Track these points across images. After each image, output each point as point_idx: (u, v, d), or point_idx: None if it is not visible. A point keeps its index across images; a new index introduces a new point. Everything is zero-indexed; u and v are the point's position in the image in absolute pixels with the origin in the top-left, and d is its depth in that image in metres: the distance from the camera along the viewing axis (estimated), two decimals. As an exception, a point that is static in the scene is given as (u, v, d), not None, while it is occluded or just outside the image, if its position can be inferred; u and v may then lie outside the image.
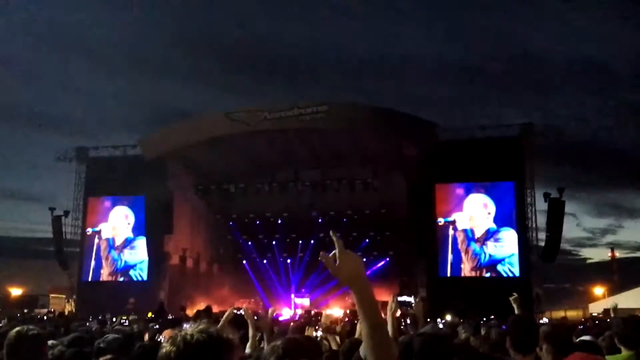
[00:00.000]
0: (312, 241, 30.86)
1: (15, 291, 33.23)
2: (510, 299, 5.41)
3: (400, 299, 22.63)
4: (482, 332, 7.93)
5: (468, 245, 24.98)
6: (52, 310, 26.55)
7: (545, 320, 14.85)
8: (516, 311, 5.16)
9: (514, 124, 26.37)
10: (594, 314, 26.82)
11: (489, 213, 25.05)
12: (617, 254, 48.77)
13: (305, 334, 5.37)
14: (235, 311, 6.38)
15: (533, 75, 77.67)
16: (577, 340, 3.22)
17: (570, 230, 64.79)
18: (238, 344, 1.87)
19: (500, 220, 24.95)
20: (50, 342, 3.50)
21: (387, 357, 1.85)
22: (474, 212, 25.18)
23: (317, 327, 6.26)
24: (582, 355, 2.16)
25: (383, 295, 28.53)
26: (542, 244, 24.69)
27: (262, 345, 5.13)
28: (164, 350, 1.73)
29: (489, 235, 24.92)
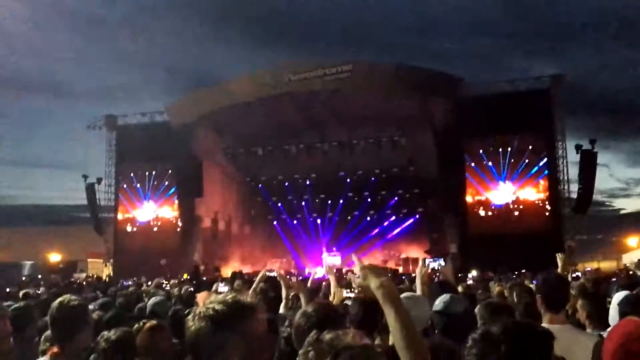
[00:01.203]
0: (341, 201, 31.01)
1: (54, 257, 34.19)
2: (558, 255, 5.29)
3: (430, 260, 22.71)
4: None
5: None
6: (91, 275, 27.36)
7: (578, 273, 14.76)
8: (559, 269, 5.07)
9: (543, 76, 25.79)
10: (627, 265, 26.57)
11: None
12: (652, 204, 47.79)
13: (336, 294, 5.45)
14: (268, 273, 6.52)
15: (564, 25, 75.34)
16: (621, 297, 3.19)
17: (603, 181, 63.66)
18: (260, 305, 1.94)
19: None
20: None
21: (418, 352, 1.91)
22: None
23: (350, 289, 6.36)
24: (637, 322, 2.08)
25: (413, 252, 28.78)
26: (574, 195, 24.40)
27: (299, 304, 5.23)
28: (192, 327, 1.78)
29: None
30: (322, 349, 1.51)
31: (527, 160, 24.76)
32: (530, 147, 24.80)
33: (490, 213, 25.35)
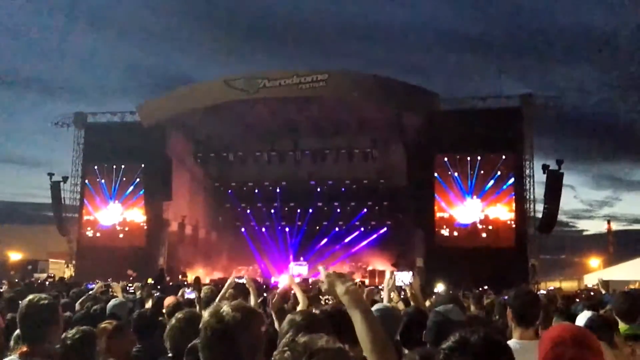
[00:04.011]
0: (310, 210, 30.97)
1: (14, 256, 33.40)
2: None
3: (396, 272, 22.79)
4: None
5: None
6: (52, 275, 26.74)
7: (543, 292, 15.01)
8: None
9: (514, 95, 26.26)
10: (588, 286, 27.11)
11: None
12: (614, 226, 49.08)
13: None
14: (236, 279, 6.47)
15: (535, 45, 77.14)
16: (587, 317, 3.24)
17: (568, 201, 65.17)
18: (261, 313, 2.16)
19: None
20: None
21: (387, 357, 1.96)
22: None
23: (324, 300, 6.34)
24: (564, 326, 2.23)
25: (379, 264, 28.88)
26: (540, 215, 24.81)
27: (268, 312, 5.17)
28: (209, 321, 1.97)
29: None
30: (297, 350, 1.57)
31: (496, 177, 25.06)
32: (499, 164, 25.15)
33: (456, 233, 25.47)
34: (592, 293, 16.02)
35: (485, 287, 17.74)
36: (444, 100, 25.68)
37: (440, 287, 17.74)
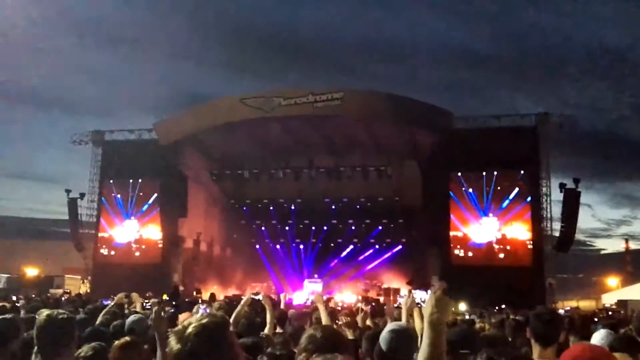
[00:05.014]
0: (325, 227, 30.94)
1: (31, 271, 33.63)
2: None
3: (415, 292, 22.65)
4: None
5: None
6: (68, 291, 26.90)
7: (561, 311, 14.82)
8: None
9: (530, 113, 26.14)
10: (606, 305, 26.74)
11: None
12: (632, 246, 48.39)
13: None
14: (253, 296, 6.50)
15: (551, 63, 76.96)
16: (607, 336, 3.21)
17: (585, 220, 64.50)
18: (229, 321, 1.96)
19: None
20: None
21: None
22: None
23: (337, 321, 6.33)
24: (585, 346, 2.23)
25: (394, 282, 28.71)
26: (557, 234, 24.56)
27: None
28: (174, 347, 1.78)
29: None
30: None
31: (513, 195, 24.84)
32: (515, 183, 24.97)
33: (470, 253, 25.19)
34: (610, 313, 15.81)
35: (503, 306, 17.56)
36: (458, 119, 25.65)
37: (462, 307, 17.58)
